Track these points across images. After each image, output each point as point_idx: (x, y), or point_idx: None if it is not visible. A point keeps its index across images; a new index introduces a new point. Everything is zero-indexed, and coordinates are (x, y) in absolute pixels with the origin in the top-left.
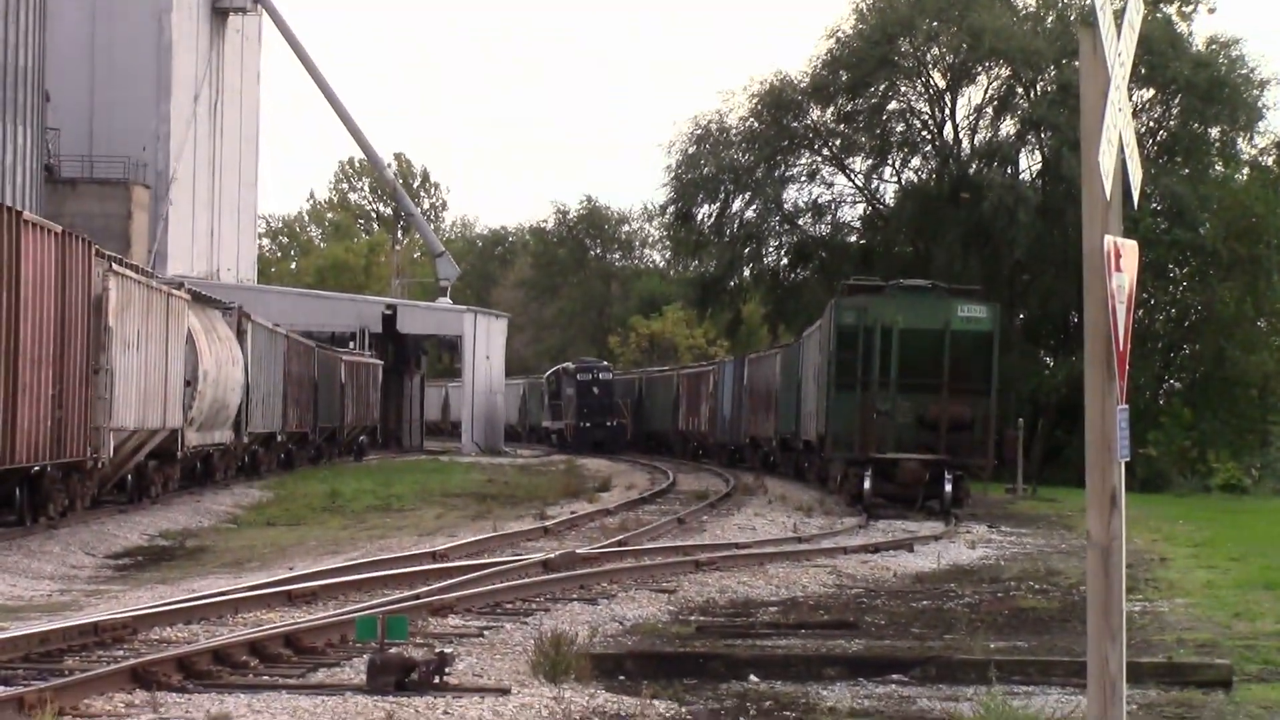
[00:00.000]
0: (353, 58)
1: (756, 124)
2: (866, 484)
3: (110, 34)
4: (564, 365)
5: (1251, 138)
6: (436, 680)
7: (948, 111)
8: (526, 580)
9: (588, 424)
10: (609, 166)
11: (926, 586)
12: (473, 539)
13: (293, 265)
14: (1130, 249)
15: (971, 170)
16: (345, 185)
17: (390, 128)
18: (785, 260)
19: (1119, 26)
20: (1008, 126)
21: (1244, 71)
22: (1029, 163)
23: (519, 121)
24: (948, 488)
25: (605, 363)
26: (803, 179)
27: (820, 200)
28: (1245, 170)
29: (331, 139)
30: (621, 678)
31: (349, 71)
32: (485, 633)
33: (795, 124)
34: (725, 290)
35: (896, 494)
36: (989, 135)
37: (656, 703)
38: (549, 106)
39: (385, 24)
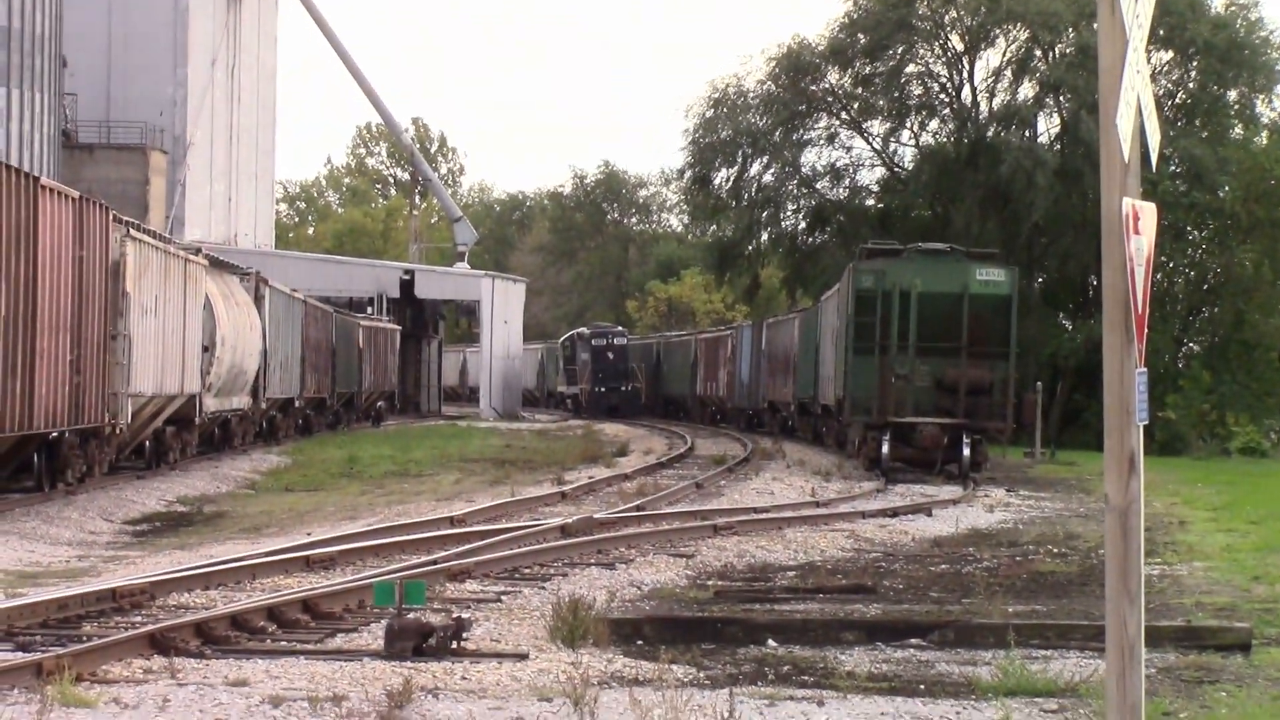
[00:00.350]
0: (363, 32)
1: (774, 87)
2: (885, 448)
3: None
4: (579, 330)
5: (1270, 100)
6: (454, 645)
7: (966, 74)
8: (544, 545)
9: (602, 389)
10: (622, 135)
11: (945, 550)
12: (490, 504)
13: (310, 230)
14: (1149, 212)
15: (990, 133)
16: (363, 150)
17: (407, 94)
18: (803, 224)
19: None
20: (1026, 89)
21: (1263, 34)
22: (1047, 126)
23: (531, 89)
24: (966, 451)
25: (620, 328)
26: (820, 142)
27: (838, 164)
28: (1265, 133)
29: (349, 104)
30: (639, 643)
31: (361, 44)
32: (503, 598)
33: (813, 87)
34: (743, 254)
35: (915, 458)
36: (1007, 98)
37: (674, 667)
38: (561, 77)
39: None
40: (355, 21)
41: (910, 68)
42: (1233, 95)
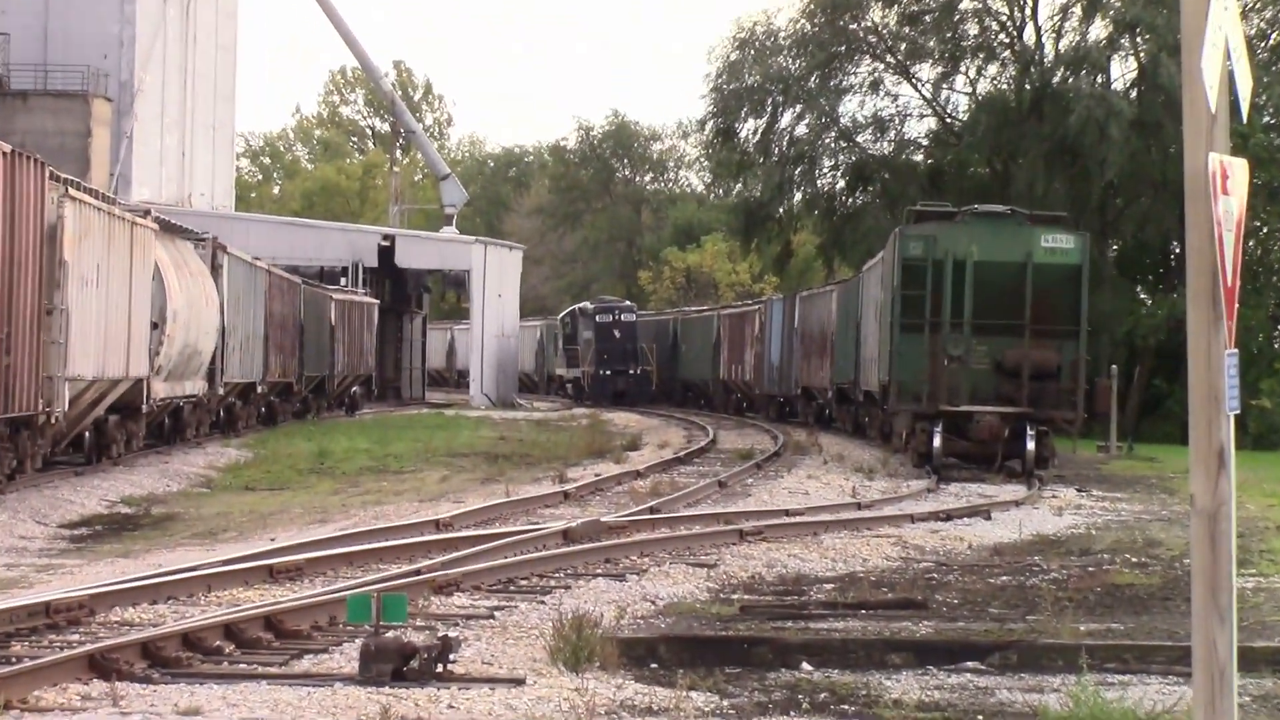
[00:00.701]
0: None
1: (809, 26)
2: (936, 441)
3: None
4: (581, 305)
5: None
6: (439, 669)
7: (1029, 12)
8: (544, 553)
9: (607, 371)
10: (634, 81)
11: (1006, 560)
12: (482, 505)
13: (276, 190)
14: (1239, 169)
15: (1056, 79)
16: (336, 98)
17: (387, 35)
18: (842, 183)
19: None
20: (1098, 29)
21: None
22: (1122, 70)
23: (529, 28)
24: (1030, 445)
25: (628, 302)
26: (862, 90)
27: (882, 114)
28: None
29: (321, 46)
30: (654, 666)
31: None
32: (496, 614)
33: (853, 26)
34: (773, 218)
35: (971, 452)
36: (1076, 39)
37: (694, 695)
38: (563, 14)
39: None
40: None
41: (965, 4)
42: None
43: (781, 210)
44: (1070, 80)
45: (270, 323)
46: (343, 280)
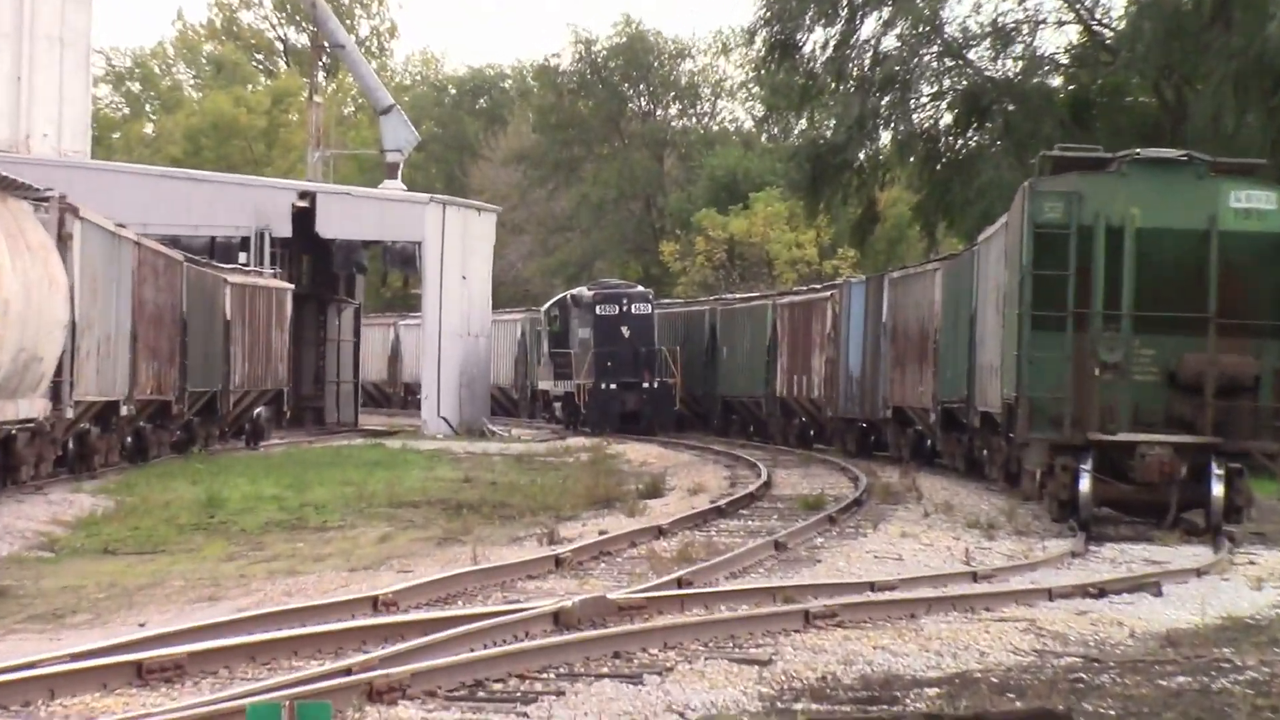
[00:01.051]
0: None
1: None
2: (1084, 484)
3: None
4: (574, 291)
5: None
6: None
7: None
8: (527, 644)
9: (611, 385)
10: None
11: (1184, 653)
12: (439, 576)
13: (149, 128)
14: None
15: None
16: (234, 0)
17: None
18: (949, 117)
19: None
20: None
21: None
22: None
23: None
24: (1217, 489)
25: (641, 287)
26: None
27: (1004, 21)
28: None
29: None
30: None
31: None
32: None
33: None
34: (851, 166)
35: (1133, 500)
36: None
37: None
38: None
39: None
40: None
41: None
42: None
43: (863, 156)
44: None
45: (140, 317)
46: (242, 256)
